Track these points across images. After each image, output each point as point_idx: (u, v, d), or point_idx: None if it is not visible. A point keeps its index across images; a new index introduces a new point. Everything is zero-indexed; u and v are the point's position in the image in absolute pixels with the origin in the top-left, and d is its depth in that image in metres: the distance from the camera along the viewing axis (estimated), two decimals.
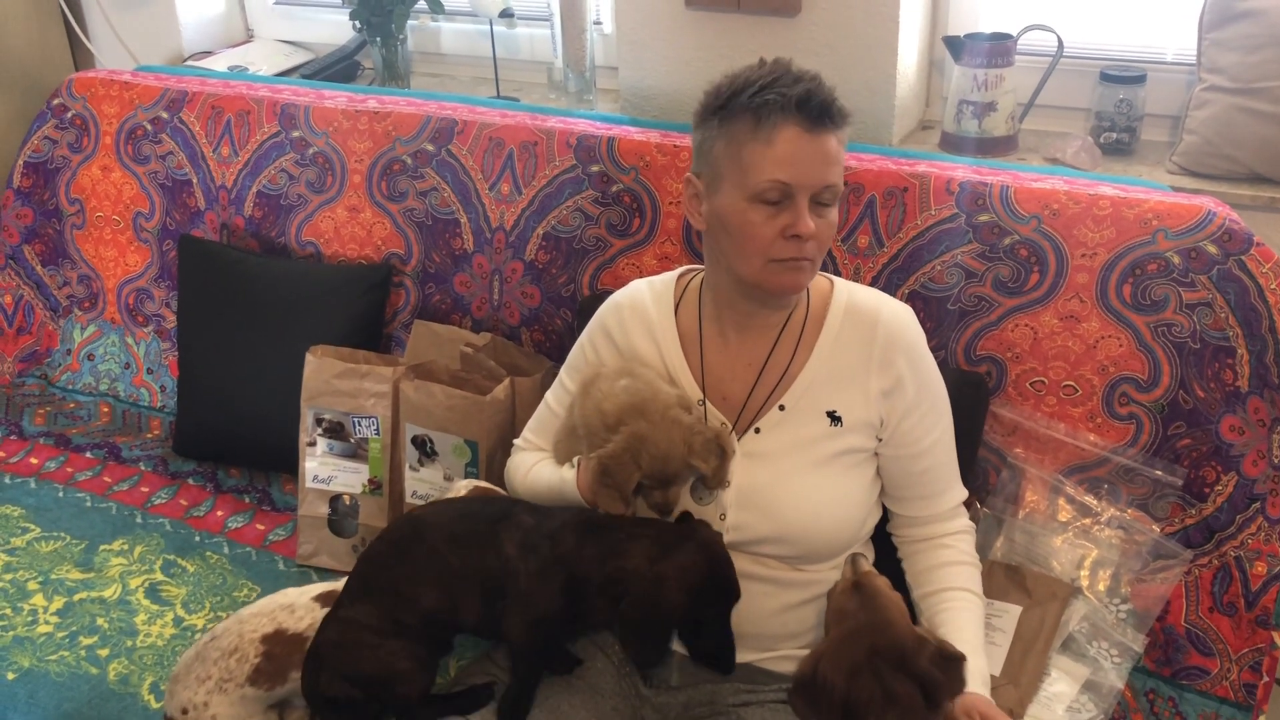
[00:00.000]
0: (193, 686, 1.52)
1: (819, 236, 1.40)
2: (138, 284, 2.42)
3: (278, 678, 1.53)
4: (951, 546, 1.53)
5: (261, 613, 1.57)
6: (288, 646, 1.54)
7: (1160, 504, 1.66)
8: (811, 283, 1.53)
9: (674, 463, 1.41)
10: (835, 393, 1.48)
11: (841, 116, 1.39)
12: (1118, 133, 2.04)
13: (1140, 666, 1.63)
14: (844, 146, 1.41)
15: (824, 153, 1.37)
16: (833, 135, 1.39)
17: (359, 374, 1.90)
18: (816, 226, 1.38)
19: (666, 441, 1.40)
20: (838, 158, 1.40)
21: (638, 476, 1.41)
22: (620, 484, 1.42)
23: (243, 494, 2.14)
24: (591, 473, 1.44)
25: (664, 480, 1.42)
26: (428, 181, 2.12)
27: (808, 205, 1.38)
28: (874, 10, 1.99)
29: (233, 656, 1.52)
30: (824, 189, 1.38)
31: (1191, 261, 1.62)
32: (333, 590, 1.59)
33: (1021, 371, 1.71)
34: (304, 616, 1.56)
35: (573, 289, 2.00)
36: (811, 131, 1.37)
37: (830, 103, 1.38)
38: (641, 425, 1.42)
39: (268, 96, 2.28)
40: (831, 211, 1.41)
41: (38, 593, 1.87)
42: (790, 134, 1.36)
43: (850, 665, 1.28)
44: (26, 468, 2.23)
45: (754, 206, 1.39)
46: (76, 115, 2.44)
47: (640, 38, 2.20)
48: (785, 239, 1.38)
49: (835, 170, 1.39)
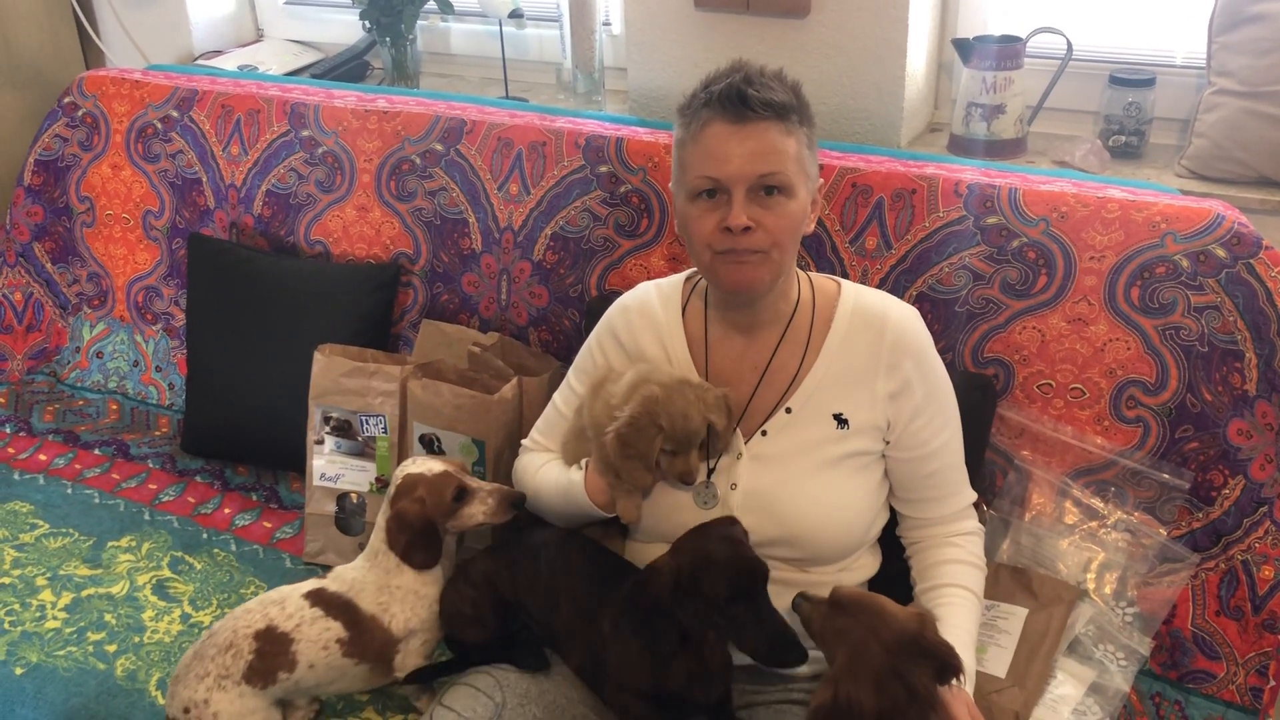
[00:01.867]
0: (192, 685, 1.52)
1: (765, 227, 1.39)
2: (147, 282, 2.42)
3: (268, 676, 1.54)
4: (958, 546, 1.53)
5: (254, 609, 1.58)
6: (276, 645, 1.54)
7: (1167, 507, 1.65)
8: (817, 284, 1.53)
9: (693, 418, 1.41)
10: (842, 395, 1.48)
11: (765, 107, 1.37)
12: (1126, 136, 2.04)
13: (1147, 670, 1.63)
14: (792, 136, 1.40)
15: (751, 145, 1.38)
16: (763, 126, 1.38)
17: (367, 373, 1.91)
18: (760, 218, 1.39)
19: (682, 400, 1.42)
20: (773, 148, 1.38)
21: (660, 439, 1.41)
22: (643, 451, 1.42)
23: (250, 492, 2.15)
24: (611, 449, 1.44)
25: (684, 441, 1.42)
26: (436, 181, 2.12)
27: (744, 197, 1.38)
28: (883, 12, 2.00)
29: (228, 652, 1.53)
30: (757, 180, 1.38)
31: (1200, 265, 1.61)
32: (322, 587, 1.60)
33: (1029, 374, 1.71)
34: (293, 614, 1.56)
35: (580, 289, 2.01)
36: (735, 124, 1.38)
37: (750, 95, 1.37)
38: (652, 388, 1.43)
39: (277, 96, 2.29)
40: (782, 202, 1.40)
41: (46, 588, 1.88)
42: (715, 129, 1.39)
43: (874, 676, 1.26)
44: (35, 464, 2.24)
45: (694, 203, 1.42)
46: (87, 113, 2.45)
47: (649, 39, 2.20)
48: (722, 232, 1.40)
49: (770, 160, 1.38)
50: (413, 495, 1.58)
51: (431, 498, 1.58)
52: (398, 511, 1.59)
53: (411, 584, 1.60)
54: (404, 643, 1.59)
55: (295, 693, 1.60)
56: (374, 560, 1.61)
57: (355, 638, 1.57)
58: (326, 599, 1.59)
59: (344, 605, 1.59)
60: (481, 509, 1.60)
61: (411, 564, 1.59)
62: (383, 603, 1.59)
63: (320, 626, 1.56)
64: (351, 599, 1.59)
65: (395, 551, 1.59)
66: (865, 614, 1.32)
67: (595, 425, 1.49)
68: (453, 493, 1.58)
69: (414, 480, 1.59)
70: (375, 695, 1.67)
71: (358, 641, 1.57)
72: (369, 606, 1.59)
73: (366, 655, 1.58)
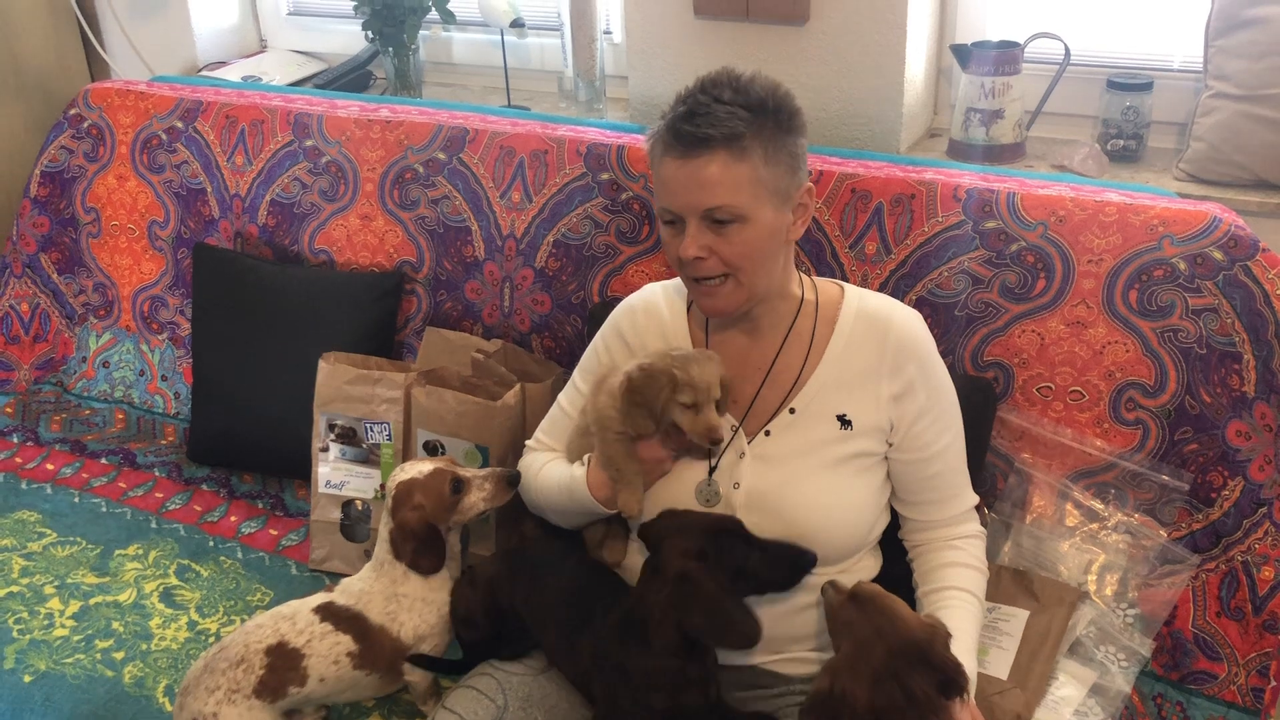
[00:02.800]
0: (202, 697, 1.53)
1: (720, 254, 1.41)
2: (152, 292, 2.44)
3: (278, 691, 1.55)
4: (960, 549, 1.53)
5: (265, 624, 1.59)
6: (288, 660, 1.55)
7: (1167, 509, 1.66)
8: (821, 288, 1.55)
9: (709, 372, 1.44)
10: (846, 397, 1.49)
11: (703, 143, 1.36)
12: (1125, 140, 2.05)
13: (1148, 671, 1.64)
14: (744, 162, 1.37)
15: (696, 178, 1.38)
16: (706, 159, 1.37)
17: (371, 380, 1.92)
18: (714, 246, 1.40)
19: (700, 357, 1.46)
20: (717, 180, 1.37)
21: (667, 392, 1.43)
22: (650, 399, 1.44)
23: (256, 500, 2.16)
24: (620, 396, 1.46)
25: (703, 391, 1.43)
26: (439, 190, 2.14)
27: (696, 227, 1.40)
28: (882, 19, 2.01)
29: (239, 667, 1.54)
30: (704, 212, 1.39)
31: (1197, 267, 1.62)
32: (330, 601, 1.61)
33: (1029, 377, 1.72)
34: (304, 630, 1.58)
35: (583, 296, 2.02)
36: (683, 158, 1.39)
37: (685, 132, 1.37)
38: (669, 349, 1.48)
39: (281, 106, 2.31)
40: (735, 230, 1.39)
41: (54, 596, 1.90)
42: (666, 164, 1.42)
43: (871, 673, 1.28)
44: (43, 473, 2.26)
45: (665, 228, 1.46)
46: (93, 125, 2.47)
47: (649, 47, 2.22)
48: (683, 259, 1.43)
49: (714, 193, 1.37)
50: (411, 503, 1.60)
51: (430, 500, 1.60)
52: (399, 522, 1.60)
53: (419, 591, 1.61)
54: (412, 650, 1.60)
55: (304, 704, 1.61)
56: (380, 570, 1.62)
57: (365, 650, 1.59)
58: (335, 612, 1.60)
59: (353, 618, 1.60)
60: (481, 495, 1.62)
61: (420, 570, 1.61)
62: (391, 612, 1.60)
63: (330, 641, 1.57)
64: (360, 611, 1.61)
65: (402, 560, 1.61)
66: (878, 613, 1.33)
67: (599, 419, 1.50)
68: (449, 486, 1.60)
69: (408, 486, 1.61)
70: (381, 700, 1.68)
71: (368, 653, 1.59)
72: (378, 617, 1.60)
73: (377, 665, 1.60)
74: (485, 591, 1.63)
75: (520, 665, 1.56)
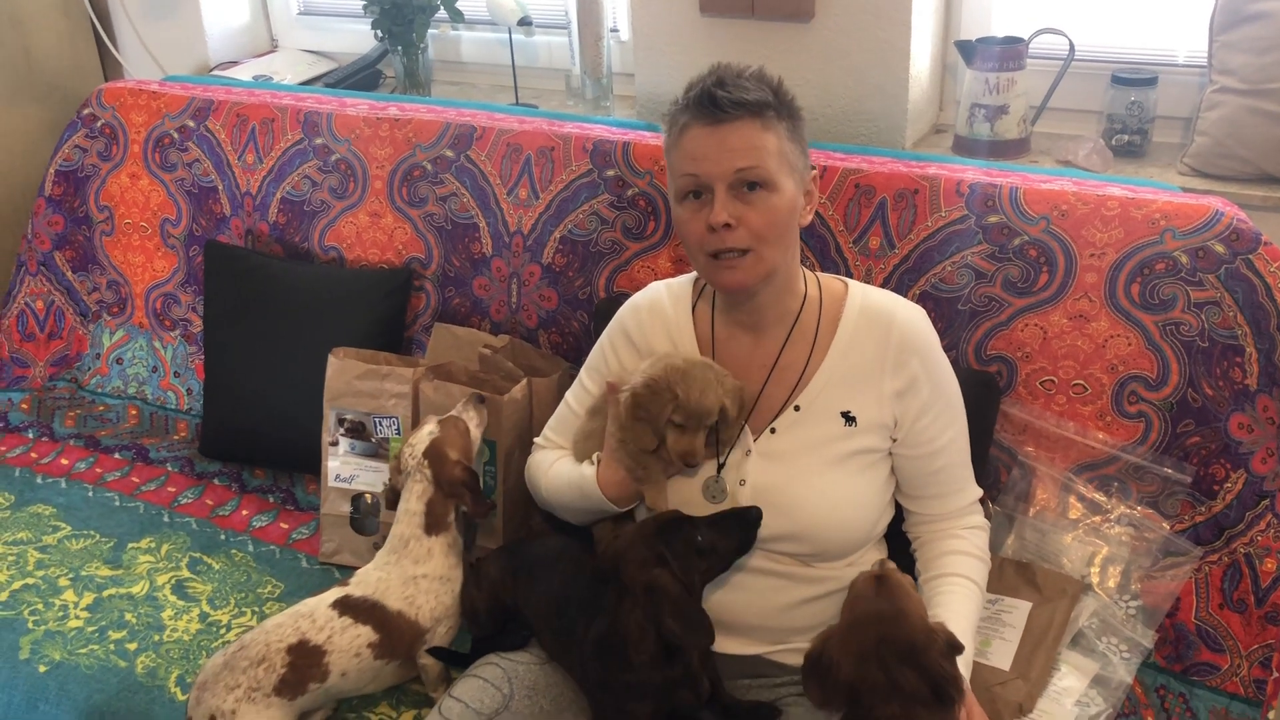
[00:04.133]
0: (221, 694, 1.55)
1: (748, 224, 1.43)
2: (165, 289, 2.47)
3: (299, 688, 1.57)
4: (963, 538, 1.55)
5: (285, 623, 1.61)
6: (309, 658, 1.57)
7: (1170, 501, 1.67)
8: (825, 284, 1.56)
9: (709, 395, 1.45)
10: (849, 393, 1.51)
11: (737, 106, 1.41)
12: (1129, 135, 2.05)
13: (1151, 663, 1.65)
14: (770, 132, 1.43)
15: (727, 142, 1.42)
16: (738, 125, 1.42)
17: (380, 375, 1.94)
18: (742, 215, 1.42)
19: (702, 379, 1.46)
20: (749, 144, 1.42)
21: (671, 408, 1.44)
22: (654, 415, 1.45)
23: (267, 494, 2.19)
24: (624, 407, 1.48)
25: (695, 416, 1.45)
26: (447, 187, 2.16)
27: (726, 195, 1.42)
28: (886, 15, 2.02)
29: (260, 666, 1.56)
30: (735, 175, 1.42)
31: (1199, 261, 1.63)
32: (347, 594, 1.64)
33: (1031, 371, 1.73)
34: (324, 627, 1.60)
35: (589, 291, 2.04)
36: (710, 125, 1.42)
37: (720, 96, 1.41)
38: (675, 360, 1.48)
39: (291, 105, 2.33)
40: (764, 196, 1.43)
41: (69, 589, 1.92)
42: (693, 132, 1.44)
43: (858, 650, 1.30)
44: (58, 468, 2.29)
45: (682, 205, 1.47)
46: (106, 124, 2.50)
47: (656, 44, 2.23)
48: (709, 232, 1.43)
49: (747, 155, 1.42)
50: (448, 459, 1.67)
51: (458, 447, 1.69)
52: (448, 480, 1.66)
53: (439, 569, 1.65)
54: (430, 632, 1.63)
55: (323, 700, 1.63)
56: (403, 551, 1.65)
57: (385, 639, 1.61)
58: (353, 605, 1.62)
59: (370, 608, 1.62)
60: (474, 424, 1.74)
61: (480, 515, 1.70)
62: (409, 596, 1.63)
63: (351, 635, 1.60)
64: (378, 599, 1.63)
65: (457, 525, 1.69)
66: (889, 600, 1.35)
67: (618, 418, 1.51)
68: (461, 425, 1.71)
69: (438, 446, 1.68)
70: (389, 689, 1.70)
71: (387, 642, 1.61)
72: (396, 603, 1.63)
73: (396, 653, 1.63)
74: (489, 591, 1.65)
75: (526, 654, 1.58)
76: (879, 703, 1.27)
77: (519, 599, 1.61)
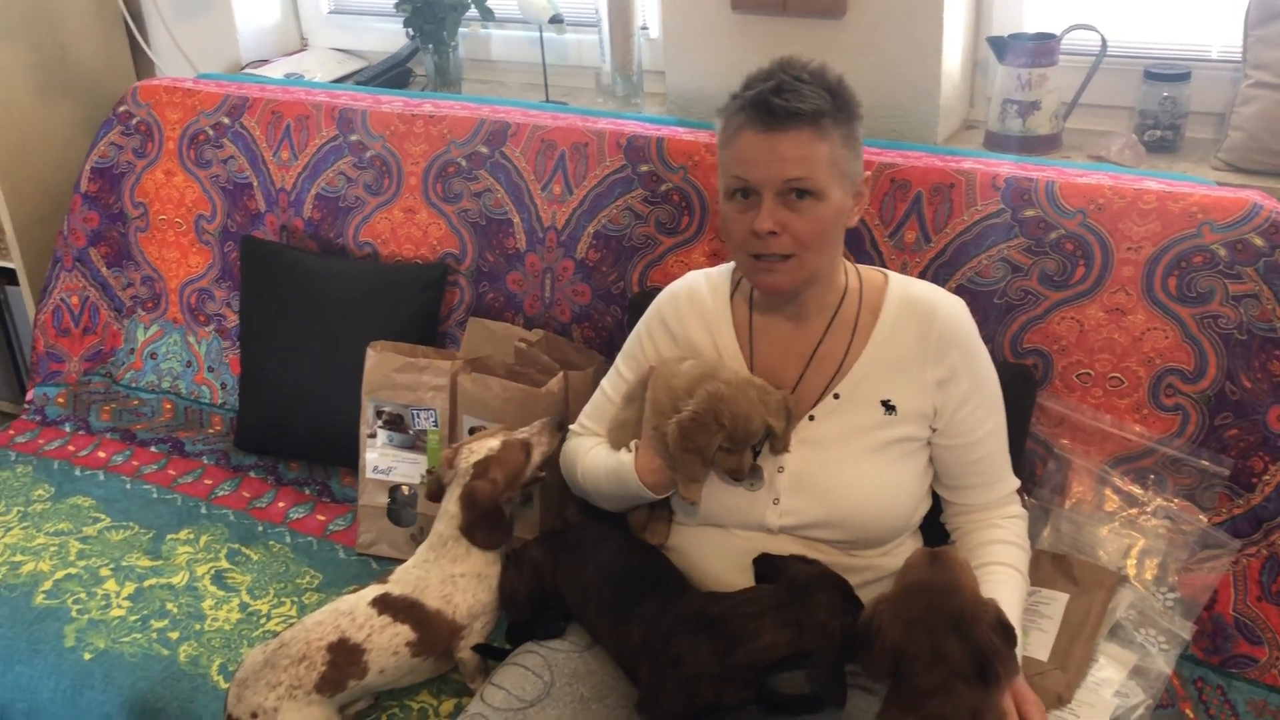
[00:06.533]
0: (262, 692, 1.56)
1: (793, 232, 1.43)
2: (199, 285, 2.49)
3: (339, 685, 1.59)
4: (1003, 528, 1.56)
5: (325, 621, 1.62)
6: (349, 655, 1.59)
7: (1207, 494, 1.67)
8: (865, 275, 1.57)
9: (754, 420, 1.45)
10: (890, 382, 1.52)
11: (791, 117, 1.40)
12: (1162, 130, 2.05)
13: (1189, 655, 1.65)
14: (824, 141, 1.42)
15: (778, 151, 1.41)
16: (792, 135, 1.41)
17: (418, 368, 1.96)
18: (788, 222, 1.43)
19: (745, 401, 1.45)
20: (801, 155, 1.42)
21: (720, 437, 1.45)
22: (702, 446, 1.45)
23: (303, 486, 2.21)
24: (671, 439, 1.47)
25: (742, 440, 1.46)
26: (482, 183, 2.17)
27: (773, 202, 1.43)
28: (918, 11, 2.03)
29: (301, 664, 1.57)
30: (784, 184, 1.42)
31: (1237, 254, 1.64)
32: (386, 593, 1.65)
33: (1068, 364, 1.74)
34: (363, 625, 1.61)
35: (623, 286, 2.05)
36: (767, 131, 1.42)
37: (776, 106, 1.40)
38: (718, 385, 1.46)
39: (326, 101, 2.35)
40: (811, 205, 1.43)
41: (110, 578, 1.94)
42: (745, 136, 1.44)
43: (907, 617, 1.30)
44: (95, 461, 2.31)
45: (730, 203, 1.48)
46: (141, 121, 2.52)
47: (686, 41, 2.25)
48: (752, 235, 1.44)
49: (797, 166, 1.42)
50: (487, 476, 1.65)
51: (506, 472, 1.67)
52: (468, 490, 1.65)
53: (476, 567, 1.65)
54: (467, 629, 1.64)
55: (362, 695, 1.65)
56: (442, 550, 1.67)
57: (423, 637, 1.63)
58: (392, 604, 1.64)
59: (409, 606, 1.64)
60: (540, 450, 1.70)
61: (474, 541, 1.66)
62: (446, 594, 1.64)
63: (390, 633, 1.61)
64: (417, 598, 1.64)
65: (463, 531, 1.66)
66: (942, 571, 1.35)
67: (655, 403, 1.52)
68: (523, 453, 1.68)
69: (485, 463, 1.67)
70: (430, 679, 1.72)
71: (425, 640, 1.63)
72: (434, 602, 1.64)
73: (434, 650, 1.64)
74: (530, 574, 1.66)
75: (565, 642, 1.59)
76: (921, 672, 1.27)
77: (560, 580, 1.63)
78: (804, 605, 1.38)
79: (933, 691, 1.27)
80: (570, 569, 1.63)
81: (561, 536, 1.71)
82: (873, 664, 1.32)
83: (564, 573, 1.63)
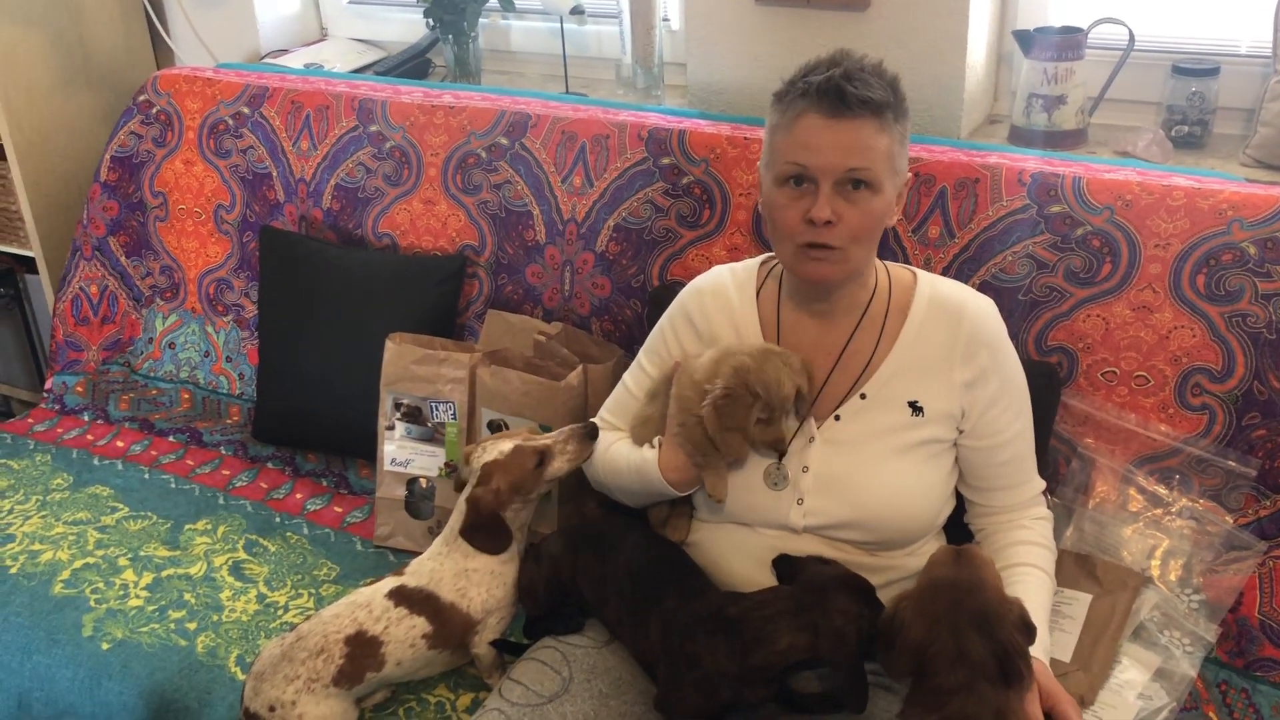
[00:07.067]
0: (280, 685, 1.56)
1: (846, 223, 1.41)
2: (218, 274, 2.49)
3: (356, 678, 1.58)
4: (1029, 529, 1.54)
5: (342, 614, 1.62)
6: (366, 648, 1.59)
7: (1233, 495, 1.65)
8: (894, 274, 1.56)
9: (785, 384, 1.44)
10: (917, 383, 1.50)
11: (862, 104, 1.39)
12: (1189, 126, 2.03)
13: (1213, 658, 1.63)
14: (886, 134, 1.41)
15: (843, 139, 1.39)
16: (858, 123, 1.39)
17: (437, 360, 1.95)
18: (843, 213, 1.41)
19: (772, 368, 1.45)
20: (865, 144, 1.40)
21: (756, 408, 1.44)
22: (741, 421, 1.44)
23: (320, 478, 2.21)
24: (709, 421, 1.46)
25: (779, 407, 1.44)
26: (501, 174, 2.16)
27: (831, 191, 1.40)
28: (943, 4, 2.01)
29: (319, 657, 1.57)
30: (845, 173, 1.40)
31: (1268, 251, 1.61)
32: (402, 585, 1.65)
33: (1093, 362, 1.72)
34: (380, 618, 1.61)
35: (643, 280, 2.04)
36: (829, 118, 1.39)
37: (848, 92, 1.38)
38: (741, 358, 1.46)
39: (345, 92, 2.35)
40: (867, 197, 1.42)
41: (128, 568, 1.95)
42: (809, 120, 1.41)
43: (931, 614, 1.28)
44: (114, 450, 2.31)
45: (781, 190, 1.44)
46: (161, 111, 2.52)
47: (708, 34, 2.23)
48: (805, 223, 1.42)
49: (861, 155, 1.40)
50: (489, 484, 1.63)
51: (510, 479, 1.62)
52: (471, 497, 1.64)
53: (489, 564, 1.64)
54: (481, 624, 1.64)
55: (378, 687, 1.65)
56: (455, 544, 1.66)
57: (439, 629, 1.62)
58: (408, 596, 1.63)
59: (425, 598, 1.63)
60: (565, 458, 1.64)
61: (473, 544, 1.64)
62: (461, 588, 1.64)
63: (406, 625, 1.61)
64: (432, 590, 1.64)
65: (462, 534, 1.65)
66: (967, 568, 1.33)
67: (680, 399, 1.51)
68: (533, 461, 1.63)
69: (490, 469, 1.64)
70: (447, 673, 1.71)
71: (441, 633, 1.62)
72: (449, 595, 1.63)
73: (450, 643, 1.64)
74: (549, 568, 1.66)
75: (583, 638, 1.59)
76: (944, 670, 1.25)
77: (579, 574, 1.62)
78: (820, 609, 1.37)
79: (955, 690, 1.26)
80: (589, 564, 1.62)
81: (581, 531, 1.70)
82: (894, 662, 1.31)
83: (583, 568, 1.62)
